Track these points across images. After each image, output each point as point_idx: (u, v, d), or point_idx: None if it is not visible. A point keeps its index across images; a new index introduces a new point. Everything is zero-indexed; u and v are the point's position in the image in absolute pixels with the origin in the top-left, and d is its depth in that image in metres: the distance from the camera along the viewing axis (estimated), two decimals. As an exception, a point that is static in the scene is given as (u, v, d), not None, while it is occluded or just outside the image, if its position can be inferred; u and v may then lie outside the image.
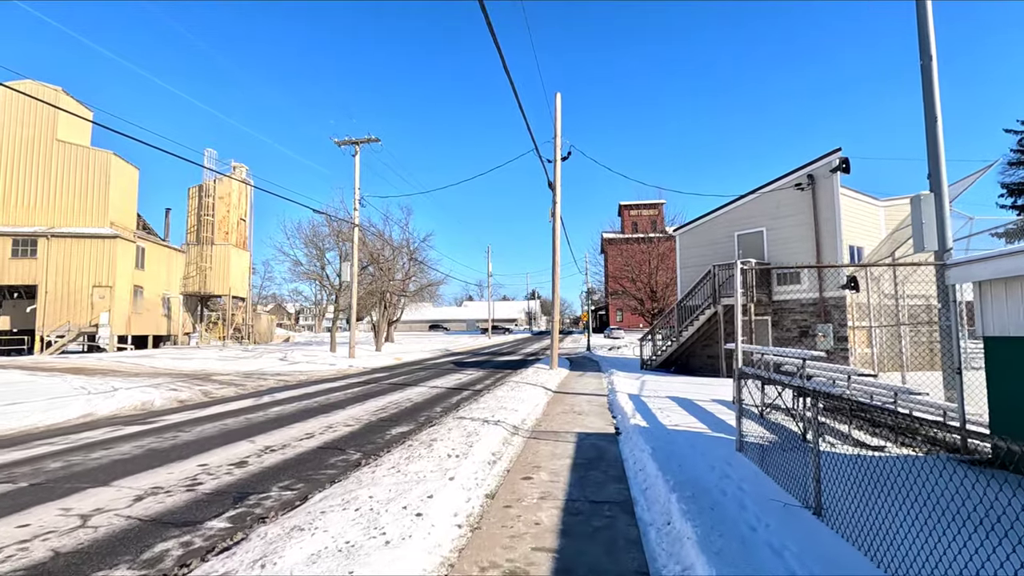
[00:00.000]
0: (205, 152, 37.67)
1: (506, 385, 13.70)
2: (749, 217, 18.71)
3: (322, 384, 15.81)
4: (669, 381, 15.74)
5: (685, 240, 20.99)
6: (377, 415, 9.96)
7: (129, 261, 30.63)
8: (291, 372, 20.35)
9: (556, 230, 19.24)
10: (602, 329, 76.06)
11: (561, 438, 7.58)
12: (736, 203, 19.12)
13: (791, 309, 17.42)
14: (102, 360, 23.51)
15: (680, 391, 13.09)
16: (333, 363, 24.12)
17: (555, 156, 19.34)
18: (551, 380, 15.24)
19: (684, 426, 8.16)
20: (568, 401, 11.48)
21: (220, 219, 38.34)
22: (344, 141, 28.13)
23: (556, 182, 19.25)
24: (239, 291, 40.01)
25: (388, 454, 6.29)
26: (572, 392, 13.18)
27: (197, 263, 37.47)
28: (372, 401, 11.87)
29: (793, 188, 17.27)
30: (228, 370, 20.65)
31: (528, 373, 17.37)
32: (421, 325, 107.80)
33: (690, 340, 19.50)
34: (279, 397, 12.71)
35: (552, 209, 19.38)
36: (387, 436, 8.04)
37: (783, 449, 6.11)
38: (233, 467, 6.19)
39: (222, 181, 38.63)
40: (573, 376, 17.85)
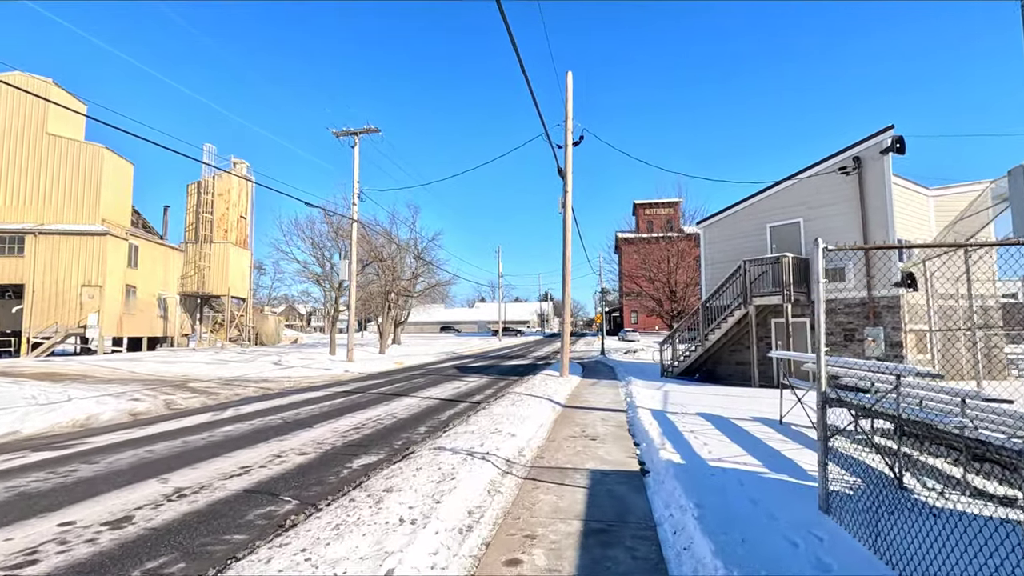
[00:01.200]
0: (204, 147, 36.38)
1: (508, 397, 11.84)
2: (784, 207, 16.66)
3: (304, 393, 14.09)
4: (695, 392, 13.77)
5: (710, 234, 18.98)
6: (346, 438, 8.16)
7: (121, 259, 29.31)
8: (279, 378, 18.71)
9: (567, 222, 17.37)
10: (616, 331, 73.95)
11: (568, 479, 5.71)
12: (769, 191, 17.08)
13: (834, 310, 15.35)
14: (83, 364, 22.09)
15: (711, 405, 11.13)
16: (328, 368, 22.48)
17: (566, 140, 17.47)
18: (560, 390, 13.35)
19: (730, 460, 6.24)
20: (579, 420, 9.59)
21: (219, 217, 36.99)
22: (343, 132, 26.57)
23: (567, 168, 17.38)
24: (239, 291, 38.62)
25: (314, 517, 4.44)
26: (584, 406, 11.28)
27: (195, 262, 36.13)
28: (348, 417, 10.10)
29: (836, 173, 15.20)
30: (211, 376, 19.07)
31: (535, 381, 15.50)
32: (432, 327, 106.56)
33: (717, 345, 17.49)
34: (245, 411, 10.99)
35: (563, 199, 17.51)
36: (344, 472, 6.24)
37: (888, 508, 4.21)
38: (104, 529, 4.41)
39: (221, 177, 37.29)
40: (586, 385, 15.94)
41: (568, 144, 17.51)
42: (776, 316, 16.69)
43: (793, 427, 8.68)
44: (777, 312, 16.63)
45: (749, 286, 15.90)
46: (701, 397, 12.67)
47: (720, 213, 18.61)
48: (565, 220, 17.41)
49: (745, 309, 16.05)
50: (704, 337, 17.28)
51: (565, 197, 17.46)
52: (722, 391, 14.16)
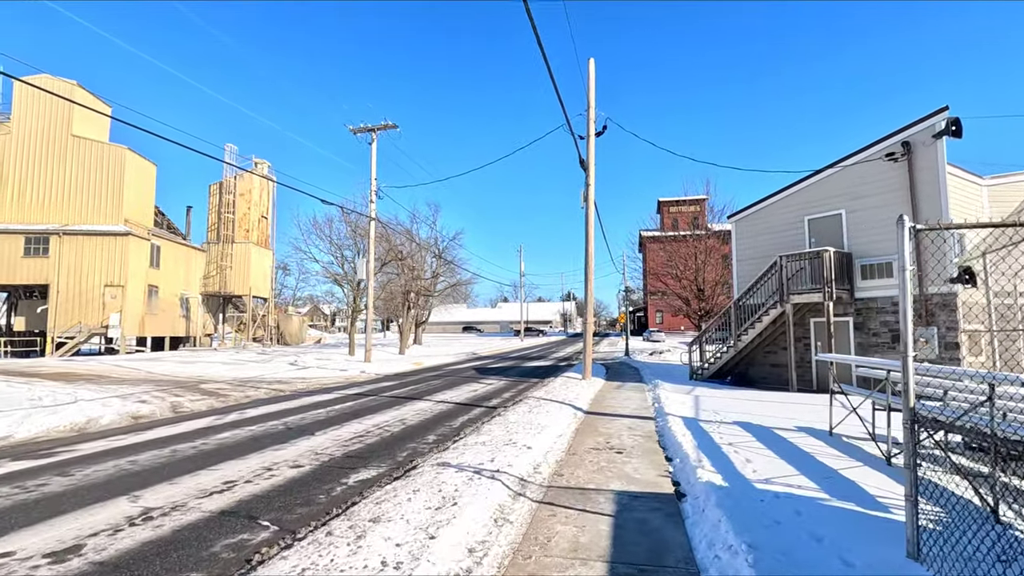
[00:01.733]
0: (225, 147, 36.41)
1: (526, 403, 11.06)
2: (824, 198, 15.51)
3: (315, 396, 13.54)
4: (729, 397, 12.78)
5: (742, 229, 17.89)
6: (347, 447, 7.49)
7: (142, 260, 29.42)
8: (292, 379, 18.27)
9: (589, 216, 16.49)
10: (640, 331, 72.61)
11: (591, 503, 4.90)
12: (806, 182, 15.94)
13: (880, 308, 14.17)
14: (102, 364, 22.05)
15: (748, 412, 10.17)
16: (344, 368, 22.02)
17: (588, 130, 16.60)
18: (582, 395, 12.51)
19: (780, 481, 5.36)
20: (603, 428, 8.75)
21: (241, 216, 37.03)
22: (360, 128, 26.14)
23: (589, 160, 16.51)
24: (261, 291, 38.63)
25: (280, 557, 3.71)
26: (608, 413, 10.43)
27: (217, 262, 36.22)
28: (355, 423, 9.44)
29: (883, 160, 14.02)
30: (226, 377, 18.73)
31: (556, 385, 14.68)
32: (455, 327, 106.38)
33: (750, 346, 16.42)
34: (249, 415, 10.44)
35: (584, 192, 16.64)
36: (337, 489, 5.54)
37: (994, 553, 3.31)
38: (43, 563, 3.77)
39: (243, 177, 37.32)
40: (610, 389, 15.06)
41: (590, 134, 16.64)
42: (815, 315, 15.55)
43: (845, 439, 7.71)
44: (816, 311, 15.49)
45: (785, 283, 14.82)
46: (736, 403, 11.69)
47: (752, 207, 17.51)
48: (587, 214, 16.55)
49: (781, 308, 14.97)
50: (736, 338, 16.23)
51: (587, 190, 16.59)
52: (757, 396, 13.14)
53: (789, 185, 16.42)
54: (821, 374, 15.44)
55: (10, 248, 27.49)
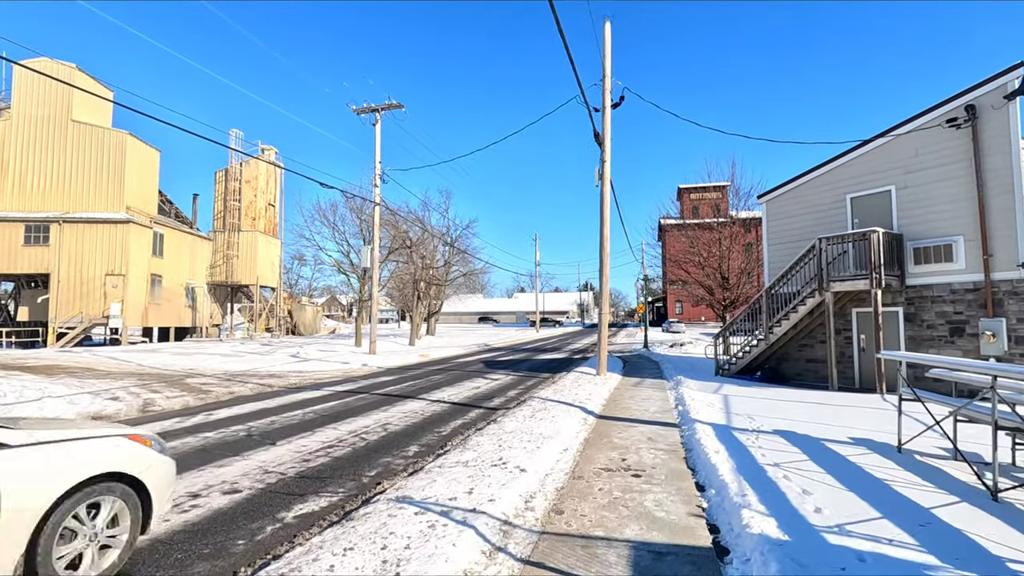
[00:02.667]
0: (231, 133, 35.48)
1: (530, 404, 9.69)
2: (870, 173, 13.77)
3: (302, 392, 12.35)
4: (763, 397, 11.25)
5: (775, 208, 16.18)
6: (307, 464, 6.20)
7: (144, 248, 28.63)
8: (288, 372, 17.17)
9: (605, 195, 14.98)
10: (660, 322, 70.78)
11: (596, 567, 3.52)
12: (850, 155, 14.19)
13: (936, 297, 12.45)
14: (95, 355, 21.26)
15: (789, 417, 8.67)
16: (347, 362, 20.89)
17: (603, 101, 15.04)
18: (595, 395, 11.10)
19: (858, 529, 3.91)
20: (617, 439, 7.35)
21: (247, 204, 36.12)
22: (363, 109, 24.83)
23: (605, 134, 14.96)
24: (268, 280, 37.78)
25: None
26: (624, 417, 9.00)
27: (223, 251, 35.42)
28: (330, 428, 8.18)
29: (943, 127, 12.23)
30: (218, 370, 17.71)
31: (567, 382, 13.29)
32: (471, 317, 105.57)
33: (783, 339, 14.82)
34: (217, 416, 9.26)
35: (599, 169, 15.11)
36: (266, 531, 4.24)
37: None
38: None
39: (248, 164, 36.37)
40: (627, 386, 13.61)
41: (605, 105, 15.07)
42: (858, 304, 13.88)
43: (918, 457, 6.20)
44: (859, 300, 13.82)
45: (826, 268, 13.17)
46: (771, 405, 10.17)
47: (786, 185, 15.79)
48: (602, 193, 15.03)
49: (820, 296, 13.33)
50: (768, 330, 14.62)
51: (602, 167, 15.06)
52: (794, 396, 11.58)
53: (829, 160, 14.68)
54: (865, 371, 13.80)
55: (10, 236, 26.87)
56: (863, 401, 10.85)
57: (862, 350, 13.82)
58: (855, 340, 13.94)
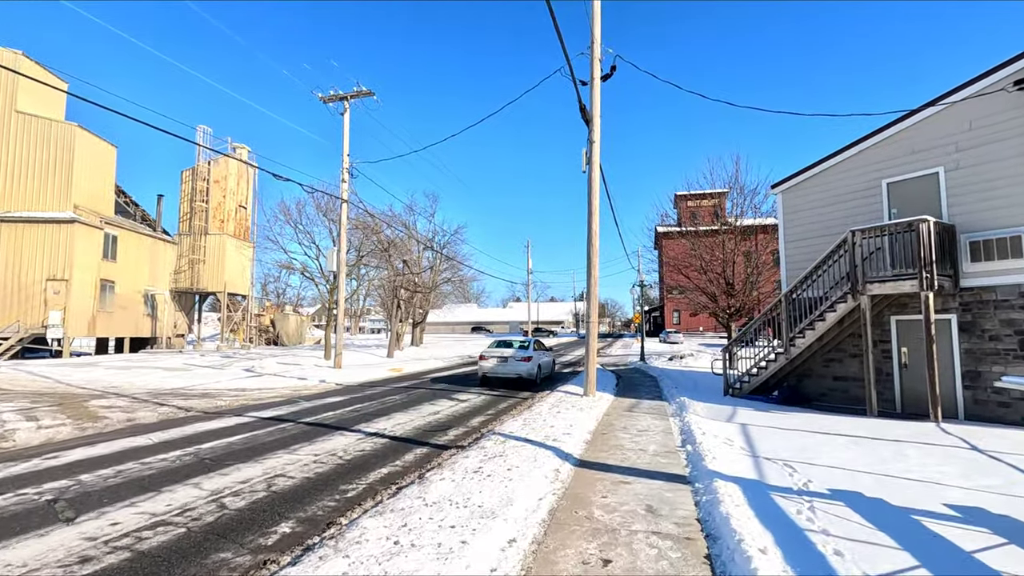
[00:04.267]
0: (198, 129, 33.09)
1: (483, 446, 7.18)
2: (910, 153, 11.44)
3: (211, 422, 9.83)
4: (793, 430, 8.76)
5: (792, 199, 13.83)
6: (99, 561, 3.74)
7: (93, 251, 26.08)
8: (226, 392, 14.65)
9: (593, 181, 12.59)
10: (657, 332, 68.39)
11: None
12: (885, 133, 11.87)
13: (1001, 302, 10.07)
14: (15, 370, 18.68)
15: (841, 463, 6.20)
16: (304, 377, 18.37)
17: (592, 72, 12.71)
18: (578, 425, 8.62)
19: None
20: (599, 511, 4.87)
21: (215, 206, 33.63)
22: (331, 97, 22.54)
23: (593, 109, 12.61)
24: (238, 287, 35.19)
25: None
26: (612, 466, 6.53)
27: (189, 255, 32.89)
28: (186, 487, 5.69)
29: (1008, 90, 9.91)
30: (149, 388, 15.20)
31: (545, 406, 10.80)
32: (463, 327, 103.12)
33: (807, 352, 12.40)
34: (50, 463, 6.74)
35: (587, 151, 12.74)
36: None
37: None
38: None
39: (218, 163, 33.96)
40: (619, 411, 11.12)
41: (594, 76, 12.74)
42: (898, 311, 11.50)
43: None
44: (900, 306, 11.44)
45: (861, 266, 10.78)
46: (808, 440, 7.71)
47: (807, 171, 13.46)
48: (591, 179, 12.65)
49: (855, 300, 10.93)
50: (789, 342, 12.19)
51: (591, 149, 12.69)
52: (830, 424, 9.11)
53: (858, 140, 12.36)
54: (908, 392, 11.37)
55: (-58, 237, 24.32)
56: (920, 433, 8.41)
57: (904, 367, 11.41)
58: (895, 354, 11.53)
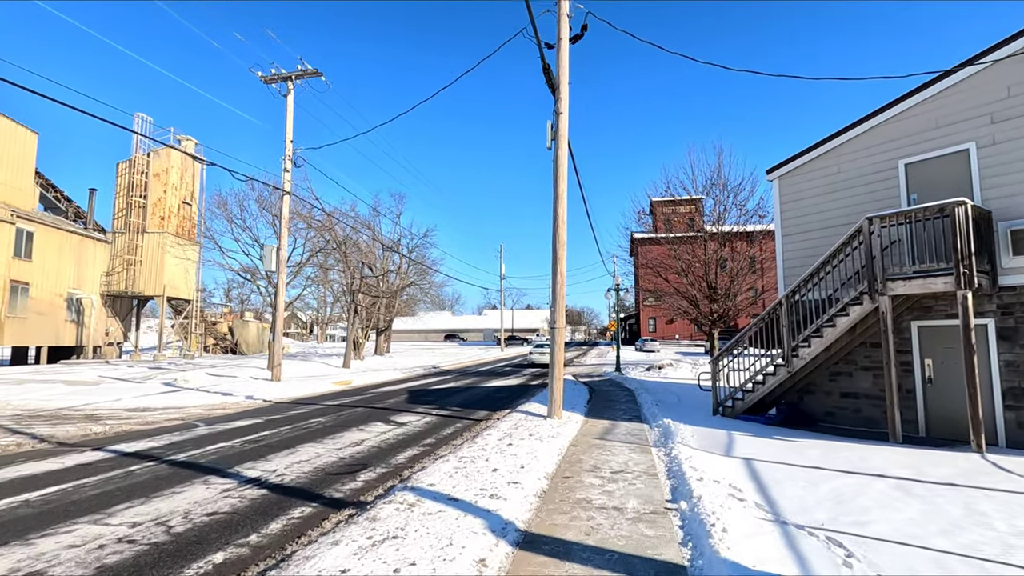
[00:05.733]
0: (135, 117, 30.14)
1: (386, 509, 4.95)
2: (934, 128, 9.65)
3: (39, 463, 7.37)
4: (815, 466, 6.66)
5: (791, 186, 11.97)
6: None
7: (2, 249, 23.02)
8: (118, 413, 12.09)
9: (560, 159, 10.50)
10: (632, 340, 66.88)
11: None
12: (902, 106, 10.07)
13: (1050, 304, 8.25)
14: None
15: (912, 536, 4.08)
16: (230, 393, 15.83)
17: (558, 31, 10.66)
18: (534, 463, 6.42)
19: None
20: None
21: (154, 201, 30.64)
22: (272, 77, 20.15)
23: (560, 75, 10.54)
24: (180, 291, 32.14)
25: None
26: (574, 543, 4.34)
27: (124, 256, 29.82)
28: None
29: (1059, 46, 8.19)
30: (25, 406, 12.58)
31: (494, 436, 8.57)
32: (436, 334, 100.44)
33: (811, 364, 10.47)
34: None
35: (553, 124, 10.66)
36: None
37: None
38: None
39: (158, 155, 31.02)
40: (589, 437, 8.95)
41: (561, 36, 10.69)
42: (920, 315, 9.65)
43: None
44: (922, 309, 9.60)
45: (879, 258, 8.88)
46: (843, 486, 5.64)
47: (807, 152, 11.61)
48: (557, 157, 10.56)
49: (872, 302, 9.02)
50: (792, 352, 10.23)
51: (557, 122, 10.61)
52: (862, 460, 7.06)
53: (871, 114, 10.55)
54: (934, 413, 9.50)
55: None
56: (972, 471, 6.43)
57: (928, 382, 9.54)
58: (917, 367, 9.66)
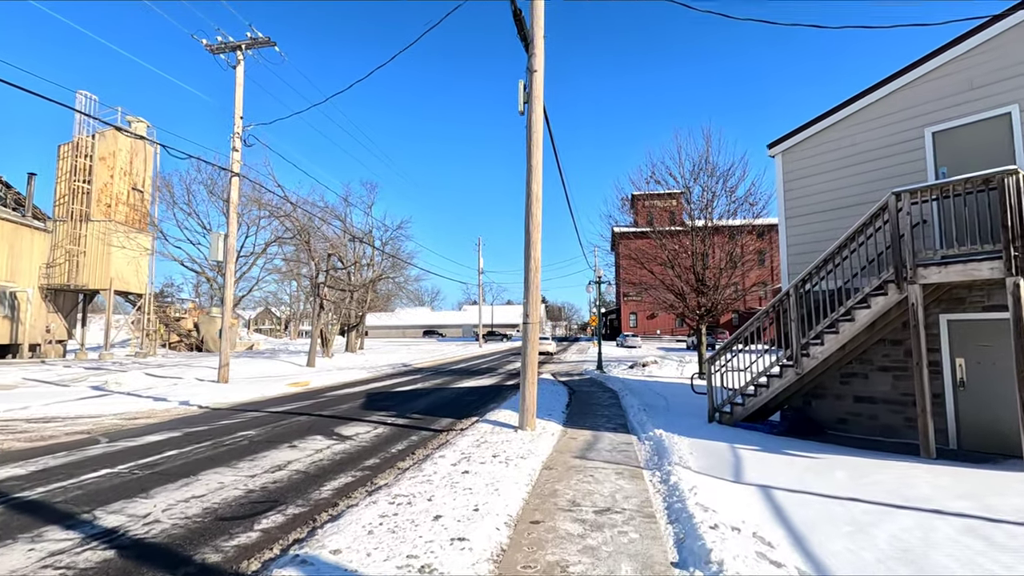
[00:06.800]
0: (78, 94, 27.65)
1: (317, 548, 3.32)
2: (966, 89, 8.28)
3: None
4: (859, 502, 5.14)
5: (795, 162, 10.55)
6: None
7: (-84, 235, 20.66)
8: (10, 425, 10.19)
9: (534, 124, 8.92)
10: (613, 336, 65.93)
11: None
12: (928, 65, 8.70)
13: (1113, 293, 6.92)
14: None
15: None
16: (164, 398, 13.98)
17: (532, -28, 9.07)
18: (495, 500, 4.83)
19: None
20: None
21: (100, 187, 28.21)
22: (219, 46, 18.20)
23: (535, 24, 8.95)
24: (131, 285, 29.76)
25: None
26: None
27: (65, 246, 27.40)
28: None
29: None
30: None
31: (452, 455, 6.95)
32: (415, 331, 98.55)
33: (822, 365, 9.07)
34: None
35: (526, 83, 9.06)
36: None
37: None
38: None
39: (105, 137, 28.56)
40: (567, 455, 7.38)
41: (536, -20, 9.08)
42: (951, 308, 8.30)
43: None
44: (953, 301, 8.24)
45: (910, 243, 7.49)
46: (901, 530, 4.16)
47: (816, 123, 10.20)
48: (530, 123, 8.96)
49: (900, 292, 7.63)
50: (801, 350, 8.81)
51: (531, 81, 9.01)
52: (903, 485, 5.59)
53: (890, 77, 9.16)
54: (966, 422, 8.15)
55: None
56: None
57: (960, 385, 8.19)
58: (947, 368, 8.31)
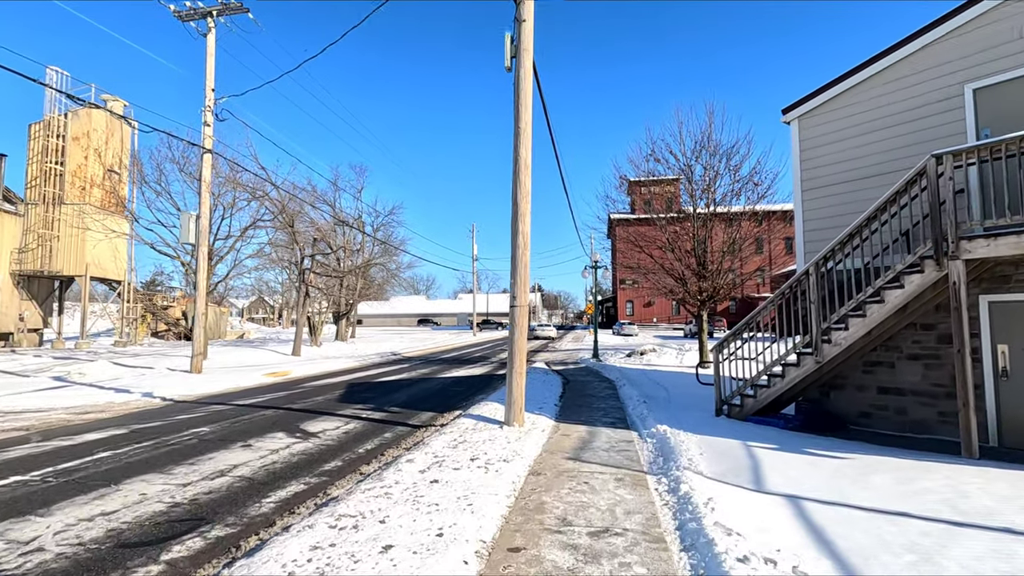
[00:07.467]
0: (48, 70, 26.26)
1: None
2: (1008, 40, 7.26)
3: None
4: (912, 518, 4.17)
5: (812, 129, 9.52)
6: None
7: None
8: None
9: (523, 82, 7.87)
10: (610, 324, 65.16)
11: None
12: (970, 12, 7.67)
13: None
14: None
15: None
16: (127, 390, 13.03)
17: (520, -93, 7.98)
18: (469, 519, 3.86)
19: None
20: None
21: (74, 169, 26.96)
22: (188, 12, 16.97)
23: (522, -36, 7.87)
24: (108, 271, 28.60)
25: None
26: None
27: (38, 230, 26.20)
28: None
29: None
30: None
31: (423, 459, 5.98)
32: (410, 319, 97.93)
33: (844, 353, 8.14)
34: None
35: (513, 36, 8.00)
36: None
37: None
38: None
39: (78, 116, 27.25)
40: (558, 458, 6.42)
41: (525, -83, 7.98)
42: (995, 288, 7.34)
43: None
44: (997, 280, 7.28)
45: (953, 210, 6.53)
46: (974, 560, 3.25)
47: (836, 84, 9.17)
48: (518, 80, 7.90)
49: (940, 269, 6.68)
50: (822, 335, 7.87)
51: (518, 32, 7.94)
52: (960, 496, 4.57)
53: (923, 30, 8.14)
54: (1009, 416, 7.27)
55: None
56: None
57: (1003, 375, 7.27)
58: (987, 356, 7.38)
